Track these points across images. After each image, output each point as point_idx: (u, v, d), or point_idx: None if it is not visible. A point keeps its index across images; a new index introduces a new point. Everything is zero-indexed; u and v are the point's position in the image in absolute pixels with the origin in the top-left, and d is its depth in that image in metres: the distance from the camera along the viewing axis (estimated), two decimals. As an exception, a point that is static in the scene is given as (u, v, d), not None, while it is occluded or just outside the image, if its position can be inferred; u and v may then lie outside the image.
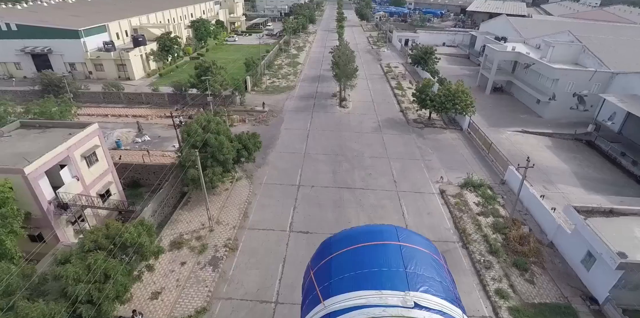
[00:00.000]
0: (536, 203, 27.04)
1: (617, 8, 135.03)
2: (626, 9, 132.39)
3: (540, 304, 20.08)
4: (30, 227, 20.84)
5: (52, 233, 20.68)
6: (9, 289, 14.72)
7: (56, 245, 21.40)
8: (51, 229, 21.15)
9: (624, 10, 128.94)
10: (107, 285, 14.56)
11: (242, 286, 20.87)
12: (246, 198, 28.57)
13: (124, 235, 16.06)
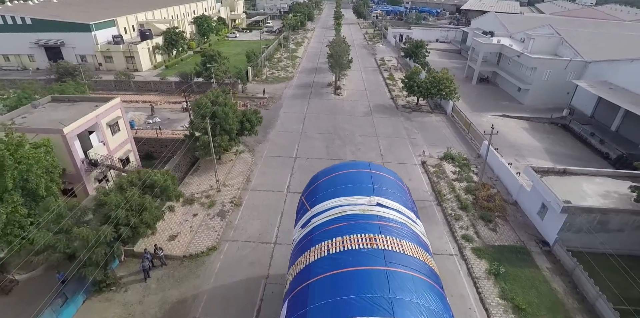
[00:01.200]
0: (504, 169, 30.68)
1: (609, 7, 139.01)
2: (617, 7, 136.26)
3: (499, 246, 23.70)
4: (64, 182, 24.36)
5: (81, 184, 24.22)
6: (59, 218, 18.31)
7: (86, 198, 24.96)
8: (82, 184, 24.71)
9: (615, 9, 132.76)
10: (143, 214, 18.14)
11: (246, 232, 24.50)
12: (249, 167, 32.21)
13: (153, 177, 19.67)
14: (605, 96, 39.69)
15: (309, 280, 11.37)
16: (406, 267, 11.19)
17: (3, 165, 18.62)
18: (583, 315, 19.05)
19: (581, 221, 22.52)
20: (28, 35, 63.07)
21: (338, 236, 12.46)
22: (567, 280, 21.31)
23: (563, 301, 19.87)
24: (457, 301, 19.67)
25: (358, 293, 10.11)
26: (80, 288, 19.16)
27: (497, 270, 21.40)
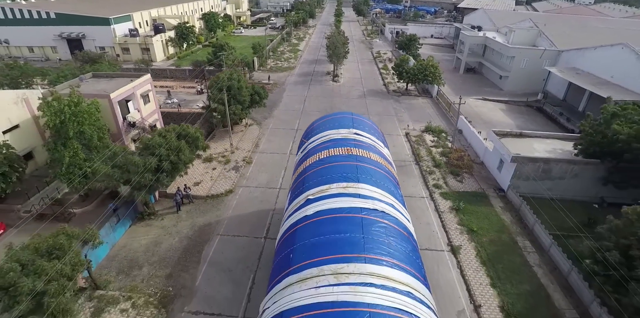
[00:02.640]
0: (475, 137, 35.99)
1: (604, 5, 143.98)
2: (611, 6, 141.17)
3: (463, 192, 29.03)
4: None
5: (120, 140, 29.63)
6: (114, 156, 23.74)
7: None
8: (121, 140, 30.14)
9: (608, 7, 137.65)
10: (179, 154, 23.58)
11: (256, 180, 29.94)
12: (257, 136, 37.66)
13: (187, 130, 25.12)
14: (572, 79, 44.96)
15: (306, 173, 16.78)
16: (370, 164, 16.58)
17: (67, 117, 24.04)
18: (523, 237, 24.34)
19: (528, 170, 27.79)
20: (52, 29, 68.69)
21: (325, 150, 17.85)
22: (514, 214, 26.62)
23: (509, 227, 25.18)
24: (424, 227, 25.00)
25: (337, 173, 15.51)
26: (129, 215, 24.62)
27: (458, 205, 26.75)
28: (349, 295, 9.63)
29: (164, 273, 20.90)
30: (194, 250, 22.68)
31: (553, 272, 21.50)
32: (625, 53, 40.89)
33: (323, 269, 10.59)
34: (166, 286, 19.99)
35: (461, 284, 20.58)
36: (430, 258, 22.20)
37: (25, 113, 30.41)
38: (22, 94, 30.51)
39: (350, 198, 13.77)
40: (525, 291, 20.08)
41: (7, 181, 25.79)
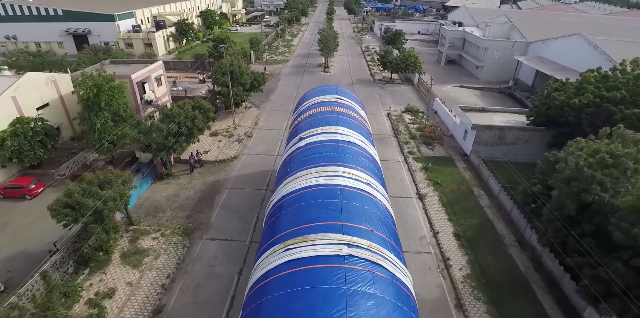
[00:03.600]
0: (447, 115, 41.18)
1: (586, 4, 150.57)
2: (593, 4, 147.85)
3: (433, 157, 34.17)
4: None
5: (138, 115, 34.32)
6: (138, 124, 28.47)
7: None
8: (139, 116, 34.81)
9: (588, 6, 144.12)
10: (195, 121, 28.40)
11: (256, 149, 34.84)
12: (256, 116, 42.56)
13: (200, 102, 29.96)
14: (537, 66, 50.41)
15: (299, 125, 21.86)
16: (347, 117, 21.63)
17: (100, 91, 28.77)
18: (478, 188, 29.51)
19: (486, 136, 33.00)
20: (59, 25, 72.89)
21: (313, 109, 22.89)
22: (474, 172, 31.82)
23: (468, 181, 30.35)
24: (398, 182, 30.08)
25: (322, 122, 20.54)
26: (149, 174, 29.37)
27: (427, 166, 31.90)
28: (327, 181, 14.59)
29: (184, 214, 25.73)
30: (207, 198, 27.55)
31: (500, 211, 26.68)
32: (580, 42, 46.41)
33: (311, 171, 15.56)
34: (187, 222, 24.83)
35: (424, 220, 25.68)
36: (401, 202, 27.28)
37: (54, 94, 35.06)
38: (52, 77, 35.17)
39: (330, 135, 18.82)
40: (475, 223, 25.24)
41: (45, 148, 30.46)
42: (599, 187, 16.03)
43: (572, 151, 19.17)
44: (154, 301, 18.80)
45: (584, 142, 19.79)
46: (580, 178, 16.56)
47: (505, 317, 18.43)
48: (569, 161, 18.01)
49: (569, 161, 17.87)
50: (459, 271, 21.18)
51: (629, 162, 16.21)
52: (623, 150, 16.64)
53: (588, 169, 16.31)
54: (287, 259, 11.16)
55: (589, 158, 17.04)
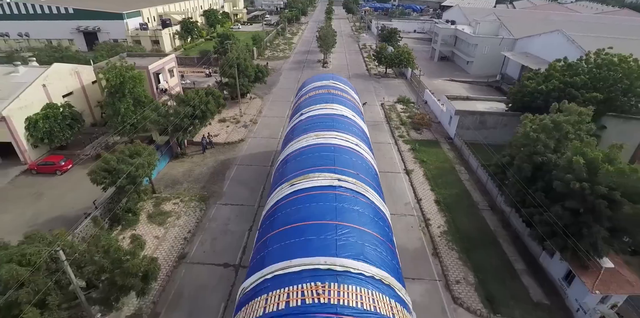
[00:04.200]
0: (436, 105, 44.78)
1: (580, 4, 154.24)
2: (587, 4, 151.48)
3: (421, 140, 37.79)
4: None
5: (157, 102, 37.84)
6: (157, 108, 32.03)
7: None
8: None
9: (584, 6, 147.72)
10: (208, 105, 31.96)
11: (261, 134, 38.44)
12: (260, 106, 46.15)
13: (212, 89, 33.51)
14: (521, 60, 54.03)
15: (299, 104, 25.35)
16: (341, 97, 25.21)
17: (124, 79, 32.31)
18: (460, 165, 33.12)
19: (468, 121, 36.59)
20: (69, 23, 76.52)
21: (312, 91, 26.54)
22: (457, 153, 35.44)
23: (451, 160, 33.95)
24: (388, 160, 33.68)
25: (319, 101, 24.11)
26: (166, 153, 32.92)
27: (415, 147, 35.52)
28: (323, 141, 18.22)
29: (199, 185, 29.31)
30: (219, 173, 31.14)
31: (477, 184, 30.29)
32: (560, 37, 50.05)
33: (310, 135, 19.20)
34: (202, 191, 28.42)
35: (410, 190, 29.29)
36: (390, 177, 30.88)
37: (77, 84, 38.70)
38: (75, 68, 38.80)
39: (327, 110, 22.44)
40: (454, 192, 28.84)
41: (72, 130, 34.02)
42: (544, 148, 19.62)
43: (525, 123, 22.82)
44: (178, 249, 22.38)
45: (532, 115, 23.54)
46: (529, 142, 20.14)
47: (473, 262, 22.02)
48: (520, 130, 21.68)
49: (520, 130, 21.53)
50: (437, 229, 24.78)
51: (568, 126, 19.77)
52: (563, 118, 20.23)
53: (533, 134, 19.91)
54: (292, 190, 14.70)
55: (535, 126, 20.69)
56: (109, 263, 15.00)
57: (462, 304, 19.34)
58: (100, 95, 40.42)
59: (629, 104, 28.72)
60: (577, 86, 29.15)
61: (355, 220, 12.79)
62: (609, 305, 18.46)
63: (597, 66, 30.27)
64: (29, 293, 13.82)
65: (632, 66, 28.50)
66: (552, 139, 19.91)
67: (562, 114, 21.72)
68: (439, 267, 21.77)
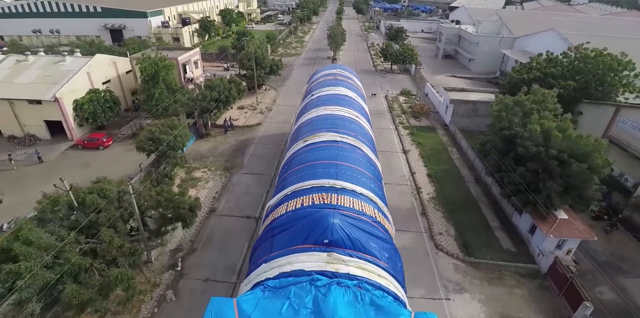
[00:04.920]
0: (435, 96, 48.80)
1: (590, 5, 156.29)
2: (595, 5, 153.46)
3: (419, 126, 41.93)
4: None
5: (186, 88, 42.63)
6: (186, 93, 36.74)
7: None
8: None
9: (593, 7, 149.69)
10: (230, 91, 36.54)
11: (276, 119, 42.98)
12: (274, 96, 50.75)
13: (233, 78, 38.13)
14: (518, 57, 57.63)
15: (311, 88, 29.74)
16: (345, 83, 29.54)
17: (158, 68, 37.08)
18: (452, 147, 37.17)
19: (462, 109, 40.59)
20: (97, 20, 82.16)
21: (322, 78, 30.93)
22: (450, 137, 39.49)
23: (444, 143, 38.03)
24: (388, 142, 37.89)
25: (327, 85, 28.49)
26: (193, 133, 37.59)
27: (413, 132, 39.68)
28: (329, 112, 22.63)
29: (223, 159, 33.92)
30: (240, 149, 35.74)
31: (466, 162, 34.33)
32: (554, 36, 53.66)
33: (319, 108, 23.58)
34: (226, 163, 33.02)
35: (406, 166, 33.49)
36: (389, 155, 35.09)
37: (114, 73, 43.67)
38: (113, 59, 43.81)
39: (333, 91, 26.81)
40: (445, 168, 32.95)
41: (112, 112, 38.94)
42: (508, 124, 23.71)
43: (491, 104, 26.95)
44: (209, 205, 26.95)
45: (501, 96, 27.69)
46: (499, 119, 24.21)
47: (455, 220, 26.15)
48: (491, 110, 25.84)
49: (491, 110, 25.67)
50: (427, 195, 28.95)
51: (531, 105, 23.74)
52: (524, 97, 24.22)
53: (497, 112, 24.00)
54: (305, 144, 19.11)
55: (500, 106, 24.85)
56: (164, 200, 19.56)
57: (442, 249, 23.51)
58: (133, 84, 45.49)
59: (601, 92, 32.47)
60: (556, 76, 33.01)
61: (352, 162, 17.02)
62: (565, 250, 22.46)
63: (575, 59, 34.07)
64: (105, 217, 18.44)
65: (605, 60, 32.25)
66: (517, 116, 23.97)
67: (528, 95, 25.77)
68: (426, 223, 25.96)
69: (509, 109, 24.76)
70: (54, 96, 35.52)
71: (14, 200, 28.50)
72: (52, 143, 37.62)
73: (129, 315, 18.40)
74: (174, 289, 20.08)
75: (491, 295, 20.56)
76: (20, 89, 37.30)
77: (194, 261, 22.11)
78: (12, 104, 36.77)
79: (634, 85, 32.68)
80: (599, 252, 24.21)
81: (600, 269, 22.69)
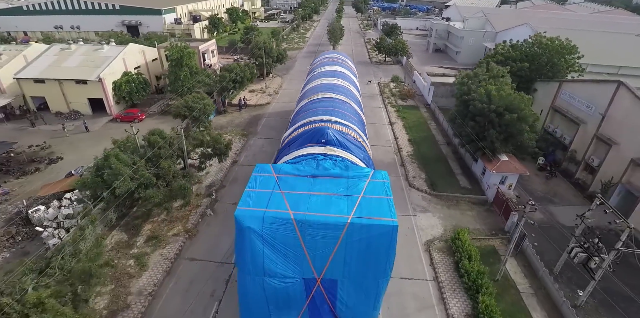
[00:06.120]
0: (421, 82, 55.78)
1: (581, 4, 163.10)
2: (587, 5, 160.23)
3: (405, 105, 48.93)
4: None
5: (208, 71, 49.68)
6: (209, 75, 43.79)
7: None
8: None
9: (584, 6, 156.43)
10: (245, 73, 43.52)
11: (282, 100, 50.07)
12: (280, 82, 57.85)
13: (248, 63, 45.14)
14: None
15: (312, 68, 36.76)
16: (341, 63, 36.59)
17: (183, 54, 44.12)
18: (431, 120, 44.15)
19: (441, 91, 47.55)
20: (115, 17, 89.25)
21: (322, 60, 37.93)
22: (430, 114, 46.47)
23: (425, 118, 45.03)
24: (377, 117, 44.88)
25: (325, 65, 35.54)
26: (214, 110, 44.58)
27: (399, 109, 46.68)
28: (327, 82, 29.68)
29: (240, 128, 40.97)
30: (253, 122, 42.80)
31: (441, 131, 41.32)
32: (527, 29, 60.60)
33: (319, 80, 30.58)
34: (243, 131, 40.03)
35: (391, 133, 40.49)
36: (378, 126, 42.09)
37: (143, 60, 50.75)
38: (142, 48, 50.88)
39: (330, 69, 33.83)
40: (423, 135, 39.95)
41: (145, 92, 46.01)
42: (467, 89, 30.71)
43: (456, 76, 33.98)
44: (232, 158, 33.97)
45: (464, 71, 34.71)
46: (461, 85, 31.17)
47: (426, 169, 33.13)
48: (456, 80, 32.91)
49: (456, 80, 32.73)
50: (406, 153, 35.96)
51: (482, 76, 30.67)
52: (477, 71, 31.25)
53: (462, 81, 30.99)
54: (309, 100, 26.08)
55: (462, 78, 31.97)
56: (207, 139, 26.62)
57: (414, 187, 30.50)
58: (158, 70, 52.58)
59: (552, 72, 39.36)
60: (515, 59, 39.95)
61: (343, 109, 23.87)
62: (507, 185, 29.39)
63: (533, 46, 41.01)
64: (164, 152, 25.46)
65: (554, 45, 39.17)
66: (474, 84, 30.97)
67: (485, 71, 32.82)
68: (403, 171, 32.95)
69: (469, 79, 31.75)
70: (99, 76, 42.58)
71: (72, 158, 35.54)
72: (94, 117, 44.67)
73: (182, 222, 25.40)
74: (211, 209, 27.10)
75: (448, 214, 27.53)
76: (68, 71, 44.36)
77: (224, 193, 29.16)
78: (61, 84, 43.82)
79: (577, 66, 39.64)
80: (538, 191, 31.17)
81: (536, 201, 29.62)
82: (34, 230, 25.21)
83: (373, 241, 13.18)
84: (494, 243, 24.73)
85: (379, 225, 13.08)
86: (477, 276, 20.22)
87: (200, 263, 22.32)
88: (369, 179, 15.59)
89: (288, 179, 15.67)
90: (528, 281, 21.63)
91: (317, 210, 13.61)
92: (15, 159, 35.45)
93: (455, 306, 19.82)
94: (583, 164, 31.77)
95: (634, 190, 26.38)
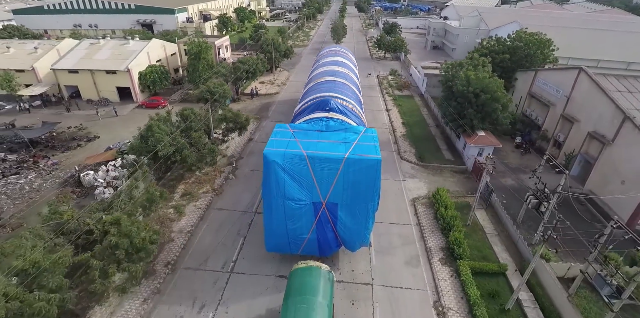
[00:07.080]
0: (417, 75, 60.69)
1: (579, 4, 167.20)
2: (585, 4, 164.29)
3: (401, 95, 53.89)
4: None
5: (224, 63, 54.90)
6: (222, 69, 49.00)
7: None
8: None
9: (582, 6, 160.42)
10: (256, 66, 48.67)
11: (289, 90, 55.19)
12: (287, 75, 63.01)
13: (259, 56, 50.25)
14: (489, 46, 69.32)
15: (318, 59, 41.85)
16: (342, 55, 41.72)
17: (201, 48, 49.30)
18: (424, 108, 49.08)
19: (433, 81, 52.45)
20: (131, 16, 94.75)
21: (326, 52, 43.01)
22: (424, 102, 51.40)
23: (419, 105, 49.98)
24: (375, 104, 49.85)
25: (329, 56, 40.64)
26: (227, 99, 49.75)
27: (395, 97, 51.64)
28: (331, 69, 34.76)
29: (254, 113, 46.11)
30: (264, 108, 47.94)
31: (432, 116, 46.25)
32: (517, 26, 65.35)
33: (324, 68, 35.61)
34: (256, 115, 45.15)
35: (387, 118, 45.48)
36: (376, 112, 47.08)
37: (164, 54, 56.02)
38: (163, 43, 56.16)
39: (333, 59, 38.89)
40: (416, 119, 44.92)
41: (166, 82, 51.25)
42: (451, 77, 35.66)
43: (442, 65, 38.94)
44: (247, 136, 39.08)
45: (447, 63, 39.70)
46: (445, 76, 36.18)
47: (416, 146, 38.10)
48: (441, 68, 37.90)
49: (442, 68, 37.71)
50: (399, 133, 40.95)
51: (467, 65, 35.64)
52: (462, 61, 36.24)
53: (447, 69, 35.99)
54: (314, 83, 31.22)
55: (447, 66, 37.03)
56: (229, 115, 31.75)
57: (404, 159, 35.49)
58: (176, 63, 57.83)
59: (530, 63, 44.21)
60: (498, 52, 44.81)
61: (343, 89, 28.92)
62: (485, 156, 34.24)
63: (515, 40, 45.86)
64: (195, 125, 30.59)
65: (533, 39, 44.01)
66: (458, 71, 35.99)
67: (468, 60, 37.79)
68: (396, 147, 37.96)
69: (453, 67, 36.77)
70: (127, 67, 47.86)
71: (106, 137, 40.71)
72: (121, 104, 49.91)
73: (210, 183, 30.52)
74: (233, 174, 32.21)
75: (433, 180, 32.49)
76: (99, 63, 49.67)
77: (242, 162, 34.30)
78: (93, 74, 49.14)
79: (552, 57, 44.49)
80: (513, 164, 36.02)
81: (511, 171, 34.53)
82: (86, 189, 30.45)
83: (363, 171, 18.13)
84: (469, 200, 29.66)
85: (368, 159, 18.03)
86: (451, 220, 25.17)
87: (227, 212, 27.43)
88: (362, 133, 20.59)
89: (300, 132, 20.71)
90: (493, 226, 26.58)
91: (323, 150, 18.62)
92: (58, 137, 40.76)
93: (432, 242, 24.79)
94: (552, 141, 36.62)
95: (590, 158, 31.23)
